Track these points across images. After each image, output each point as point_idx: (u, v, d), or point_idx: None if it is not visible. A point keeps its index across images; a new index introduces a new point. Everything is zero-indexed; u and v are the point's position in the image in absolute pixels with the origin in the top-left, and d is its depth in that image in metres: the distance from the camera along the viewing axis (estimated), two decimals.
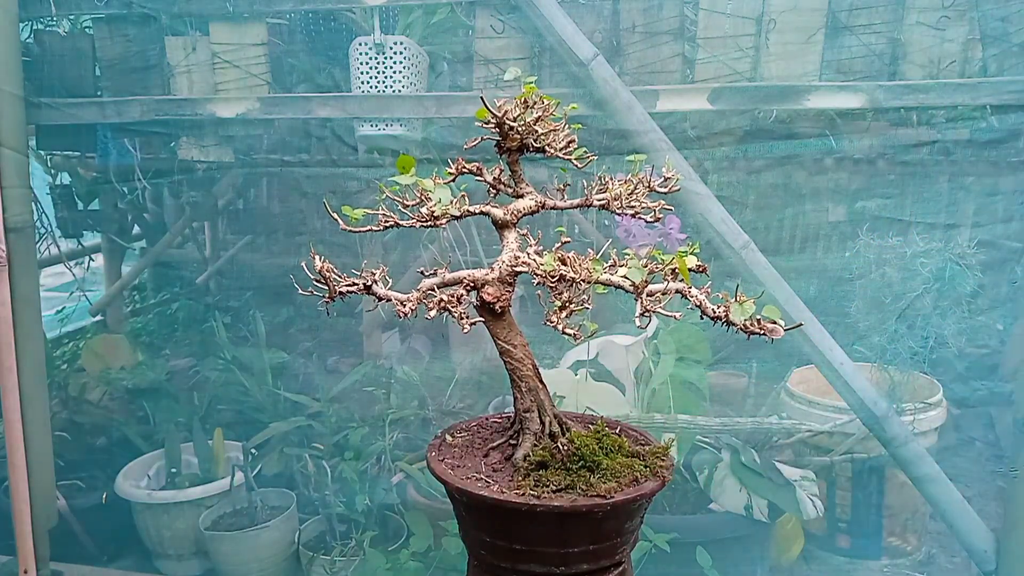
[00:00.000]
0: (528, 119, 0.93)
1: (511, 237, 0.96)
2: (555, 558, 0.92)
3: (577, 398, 2.29)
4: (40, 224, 2.80)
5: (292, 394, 2.78)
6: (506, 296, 0.93)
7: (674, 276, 0.87)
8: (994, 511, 2.44)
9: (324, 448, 2.65)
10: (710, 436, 2.46)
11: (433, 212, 0.92)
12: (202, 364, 3.05)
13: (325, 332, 3.02)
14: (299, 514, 2.71)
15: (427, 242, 2.80)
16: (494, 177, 0.97)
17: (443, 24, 2.52)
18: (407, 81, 2.37)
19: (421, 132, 2.49)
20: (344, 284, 0.91)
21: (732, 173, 2.38)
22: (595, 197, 0.98)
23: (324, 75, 2.71)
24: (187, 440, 2.90)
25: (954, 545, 2.55)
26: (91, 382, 3.08)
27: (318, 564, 2.50)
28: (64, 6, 2.63)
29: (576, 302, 0.89)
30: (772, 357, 2.67)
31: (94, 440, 3.08)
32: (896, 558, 2.66)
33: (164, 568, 2.75)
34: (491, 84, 2.38)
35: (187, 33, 2.57)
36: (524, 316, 2.53)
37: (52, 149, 3.03)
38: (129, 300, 3.57)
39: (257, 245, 3.28)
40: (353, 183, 2.72)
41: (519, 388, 0.97)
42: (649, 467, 0.94)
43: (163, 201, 3.32)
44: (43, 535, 2.40)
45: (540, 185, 0.99)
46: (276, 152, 2.76)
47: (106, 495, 2.81)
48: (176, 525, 2.67)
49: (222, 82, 2.54)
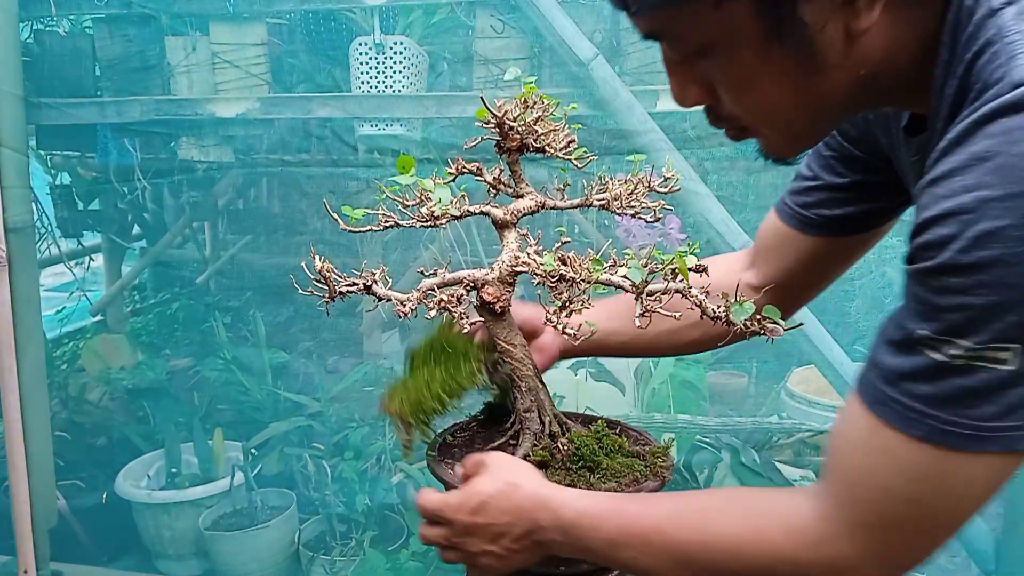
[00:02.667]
0: (528, 119, 0.93)
1: (511, 237, 0.96)
2: (556, 558, 0.92)
3: (577, 398, 2.29)
4: (40, 224, 2.80)
5: (292, 394, 2.77)
6: (506, 296, 0.93)
7: (674, 276, 0.87)
8: (994, 511, 2.43)
9: (324, 448, 2.65)
10: (710, 436, 2.46)
11: (433, 212, 0.92)
12: (202, 364, 3.05)
13: (325, 332, 3.02)
14: (299, 514, 2.71)
15: (427, 242, 2.80)
16: (494, 177, 0.97)
17: (443, 24, 2.52)
18: (407, 81, 2.37)
19: (421, 132, 2.49)
20: (344, 284, 0.91)
21: (732, 173, 2.39)
22: (595, 197, 0.98)
23: (324, 75, 2.71)
24: (187, 440, 2.89)
25: (954, 545, 2.55)
26: (91, 382, 3.07)
27: (318, 564, 2.50)
28: (64, 6, 2.63)
29: (576, 302, 0.89)
30: (772, 357, 2.67)
31: (94, 440, 3.08)
32: None
33: (164, 568, 2.75)
34: (491, 84, 2.38)
35: (187, 33, 2.57)
36: None
37: (52, 149, 3.03)
38: (129, 300, 3.57)
39: (257, 245, 3.27)
40: (353, 183, 2.72)
41: (519, 388, 0.97)
42: (649, 467, 0.94)
43: (163, 201, 3.32)
44: (43, 535, 2.40)
45: (540, 185, 0.99)
46: (276, 152, 2.76)
47: (106, 495, 2.81)
48: (176, 525, 2.67)
49: (222, 82, 2.54)
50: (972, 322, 0.52)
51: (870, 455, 0.60)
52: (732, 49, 0.63)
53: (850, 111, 0.71)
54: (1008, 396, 0.53)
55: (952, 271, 0.52)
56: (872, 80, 0.64)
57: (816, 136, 0.74)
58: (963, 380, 0.54)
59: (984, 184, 0.50)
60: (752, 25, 0.60)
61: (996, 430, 0.54)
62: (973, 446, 0.55)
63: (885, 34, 0.61)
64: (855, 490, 0.62)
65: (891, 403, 0.58)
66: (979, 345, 0.52)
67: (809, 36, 0.60)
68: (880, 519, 0.61)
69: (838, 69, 0.62)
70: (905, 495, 0.59)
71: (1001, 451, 0.55)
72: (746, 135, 0.73)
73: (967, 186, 0.51)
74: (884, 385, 0.59)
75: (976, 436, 0.55)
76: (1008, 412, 0.53)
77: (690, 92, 0.70)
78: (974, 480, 0.57)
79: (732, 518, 0.69)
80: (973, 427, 0.54)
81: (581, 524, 0.76)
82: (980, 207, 0.50)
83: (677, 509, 0.74)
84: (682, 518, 0.73)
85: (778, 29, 0.60)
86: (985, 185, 0.50)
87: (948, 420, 0.55)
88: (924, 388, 0.56)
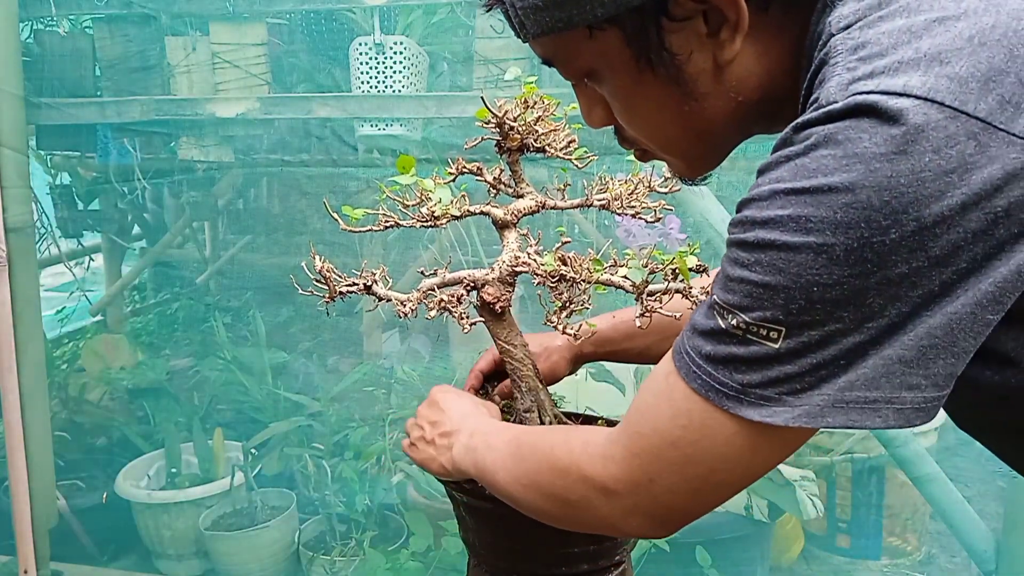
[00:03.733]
0: (528, 119, 0.93)
1: (511, 237, 0.96)
2: (556, 558, 0.92)
3: (577, 398, 2.29)
4: (40, 224, 2.79)
5: (292, 394, 2.77)
6: (506, 296, 0.93)
7: (674, 276, 0.87)
8: (994, 511, 2.44)
9: (324, 448, 2.65)
10: None
11: (433, 212, 0.92)
12: (202, 364, 3.05)
13: (325, 332, 3.01)
14: (299, 514, 2.71)
15: (427, 242, 2.80)
16: (494, 177, 0.97)
17: (443, 24, 2.52)
18: (407, 81, 2.37)
19: (421, 132, 2.49)
20: (344, 284, 0.91)
21: (732, 173, 2.38)
22: (595, 197, 0.98)
23: (324, 75, 2.71)
24: (187, 440, 2.89)
25: (954, 545, 2.55)
26: (91, 382, 3.07)
27: (318, 564, 2.50)
28: (64, 6, 2.63)
29: (576, 302, 0.89)
30: None
31: (94, 440, 3.08)
32: (896, 558, 2.67)
33: (164, 568, 2.75)
34: (491, 84, 2.38)
35: (187, 33, 2.57)
36: (524, 316, 2.53)
37: (52, 149, 3.03)
38: (129, 300, 3.57)
39: (257, 245, 3.27)
40: (353, 183, 2.72)
41: (519, 388, 0.97)
42: None
43: (163, 201, 3.32)
44: (43, 535, 2.40)
45: (540, 185, 0.99)
46: (276, 152, 2.76)
47: (106, 495, 2.81)
48: (176, 525, 2.67)
49: (222, 82, 2.54)
50: (748, 296, 0.57)
51: (658, 396, 0.66)
52: (612, 75, 0.68)
53: (741, 134, 0.75)
54: (771, 370, 0.57)
55: (740, 245, 0.58)
56: (752, 105, 0.68)
57: (713, 158, 0.78)
58: (736, 348, 0.59)
59: (780, 178, 0.55)
60: (625, 53, 0.66)
61: (757, 397, 0.58)
62: (734, 407, 0.59)
63: (754, 62, 0.66)
64: (637, 423, 0.68)
65: (683, 353, 0.63)
66: (751, 321, 0.57)
67: (678, 64, 0.65)
68: (648, 453, 0.66)
69: (713, 96, 0.67)
70: (672, 438, 0.64)
71: (757, 420, 0.59)
72: (648, 157, 0.80)
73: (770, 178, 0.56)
74: (685, 336, 0.64)
75: (737, 399, 0.59)
76: (768, 384, 0.58)
77: (595, 113, 0.76)
78: (733, 441, 0.61)
79: (561, 431, 0.80)
80: (737, 390, 0.59)
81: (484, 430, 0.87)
82: (771, 196, 0.56)
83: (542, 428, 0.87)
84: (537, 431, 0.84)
85: (648, 58, 0.65)
86: (781, 179, 0.55)
87: (719, 380, 0.60)
88: (708, 347, 0.61)
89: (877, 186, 0.51)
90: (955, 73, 0.52)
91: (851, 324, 0.55)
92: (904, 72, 0.53)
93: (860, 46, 0.57)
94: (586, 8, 0.63)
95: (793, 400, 0.57)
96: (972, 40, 0.53)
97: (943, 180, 0.51)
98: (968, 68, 0.52)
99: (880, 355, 0.55)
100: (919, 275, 0.53)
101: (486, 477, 0.83)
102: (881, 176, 0.51)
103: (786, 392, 0.57)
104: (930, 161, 0.51)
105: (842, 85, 0.55)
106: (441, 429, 0.91)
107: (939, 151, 0.51)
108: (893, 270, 0.53)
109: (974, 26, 0.54)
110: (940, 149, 0.51)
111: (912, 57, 0.53)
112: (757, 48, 0.65)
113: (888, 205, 0.51)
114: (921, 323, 0.54)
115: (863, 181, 0.51)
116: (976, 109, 0.51)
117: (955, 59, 0.53)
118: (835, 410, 0.56)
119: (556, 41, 0.68)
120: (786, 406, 0.58)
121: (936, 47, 0.53)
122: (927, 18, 0.55)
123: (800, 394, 0.57)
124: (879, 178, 0.51)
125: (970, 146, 0.51)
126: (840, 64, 0.57)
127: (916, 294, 0.53)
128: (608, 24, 0.64)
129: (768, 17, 0.64)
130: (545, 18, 0.65)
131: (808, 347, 0.56)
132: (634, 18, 0.63)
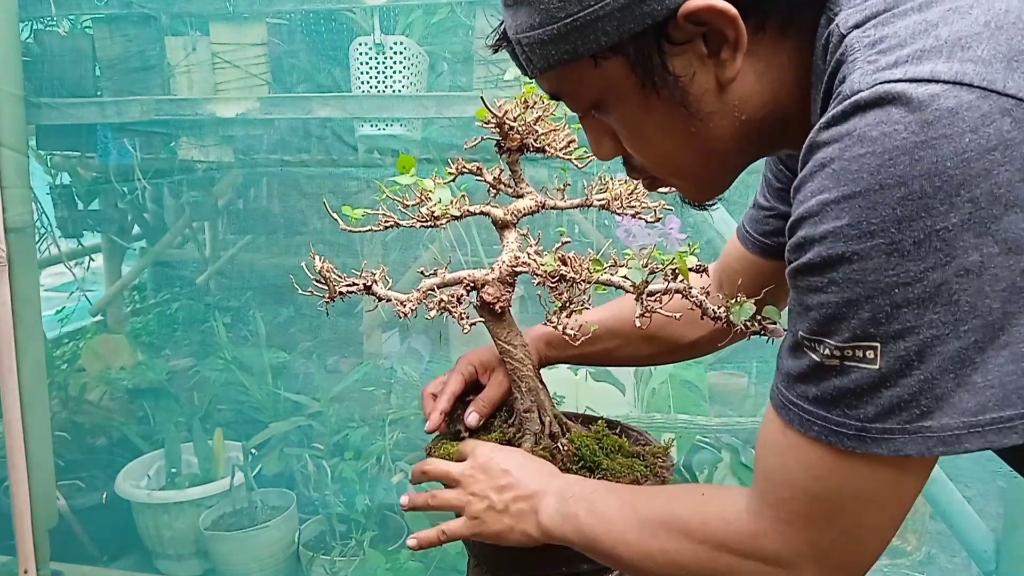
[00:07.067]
0: (528, 119, 0.93)
1: (511, 237, 0.96)
2: (555, 558, 0.92)
3: (577, 398, 2.29)
4: (40, 224, 2.80)
5: (292, 394, 2.77)
6: (506, 296, 0.93)
7: (674, 276, 0.87)
8: (994, 511, 2.43)
9: (324, 448, 2.65)
10: (710, 436, 2.46)
11: (433, 212, 0.92)
12: (202, 364, 3.05)
13: (325, 332, 3.01)
14: (299, 514, 2.71)
15: (427, 242, 2.80)
16: (494, 177, 0.97)
17: (443, 24, 2.52)
18: (407, 81, 2.37)
19: (421, 132, 2.49)
20: (344, 284, 0.91)
21: None
22: (595, 197, 0.98)
23: (324, 75, 2.71)
24: (187, 440, 2.89)
25: (954, 545, 2.54)
26: (91, 382, 3.07)
27: (318, 564, 2.50)
28: (64, 6, 2.63)
29: (576, 302, 0.89)
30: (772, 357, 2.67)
31: (94, 440, 3.08)
32: (896, 558, 2.66)
33: (164, 568, 2.75)
34: (491, 84, 2.38)
35: (187, 33, 2.57)
36: (524, 316, 2.53)
37: (52, 149, 3.03)
38: (129, 300, 3.57)
39: (257, 245, 3.27)
40: (353, 183, 2.72)
41: (519, 388, 0.97)
42: (649, 467, 0.94)
43: (163, 201, 3.32)
44: (43, 535, 2.40)
45: (540, 185, 0.99)
46: (276, 152, 2.76)
47: (106, 495, 2.81)
48: (176, 525, 2.67)
49: (222, 82, 2.54)
50: (833, 319, 0.55)
51: (783, 455, 0.63)
52: (619, 103, 0.69)
53: (748, 155, 0.74)
54: (882, 397, 0.55)
55: (809, 270, 0.56)
56: (757, 124, 0.68)
57: (722, 182, 0.78)
58: (839, 380, 0.56)
59: (824, 188, 0.54)
60: (630, 80, 0.66)
61: (879, 432, 0.56)
62: (861, 447, 0.57)
63: (756, 80, 0.66)
64: (774, 489, 0.64)
65: (790, 405, 0.61)
66: (844, 343, 0.55)
67: (682, 87, 0.65)
68: (798, 517, 0.63)
69: (718, 116, 0.67)
70: (814, 493, 0.61)
71: (888, 455, 0.56)
72: (657, 185, 0.79)
73: (813, 191, 0.55)
74: (783, 388, 0.62)
75: (861, 437, 0.56)
76: (886, 414, 0.55)
77: (604, 144, 0.76)
78: (872, 481, 0.59)
79: (688, 503, 0.74)
80: (858, 428, 0.56)
81: (574, 492, 0.82)
82: (822, 210, 0.54)
83: (651, 491, 0.80)
84: (653, 498, 0.77)
85: (652, 82, 0.66)
86: (825, 189, 0.54)
87: (837, 421, 0.57)
88: (812, 389, 0.58)
89: (927, 173, 0.51)
90: (978, 56, 0.52)
91: (945, 328, 0.53)
92: (928, 59, 0.53)
93: (879, 40, 0.57)
94: (590, 38, 0.64)
95: (915, 428, 0.55)
96: (989, 24, 0.54)
97: (987, 159, 0.50)
98: (990, 50, 0.52)
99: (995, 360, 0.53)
100: (994, 264, 0.51)
101: (597, 548, 0.78)
102: (928, 164, 0.51)
103: (906, 420, 0.55)
104: (970, 141, 0.50)
105: (866, 75, 0.55)
106: (514, 493, 0.85)
107: (977, 130, 0.50)
108: (966, 257, 0.51)
109: (988, 11, 0.55)
110: (978, 128, 0.50)
111: (933, 45, 0.54)
112: (758, 67, 0.66)
113: (941, 190, 0.51)
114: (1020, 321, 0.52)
115: (911, 172, 0.51)
116: (1006, 87, 0.51)
117: (975, 43, 0.53)
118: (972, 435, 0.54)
119: (562, 74, 0.69)
120: (913, 435, 0.55)
121: (955, 33, 0.54)
122: (941, 9, 0.56)
123: (920, 420, 0.54)
124: (926, 166, 0.51)
125: (1006, 123, 0.51)
126: (860, 59, 0.57)
127: (999, 288, 0.52)
128: (612, 53, 0.65)
129: (766, 36, 0.65)
130: (551, 51, 0.66)
131: (909, 362, 0.53)
132: (637, 45, 0.64)
